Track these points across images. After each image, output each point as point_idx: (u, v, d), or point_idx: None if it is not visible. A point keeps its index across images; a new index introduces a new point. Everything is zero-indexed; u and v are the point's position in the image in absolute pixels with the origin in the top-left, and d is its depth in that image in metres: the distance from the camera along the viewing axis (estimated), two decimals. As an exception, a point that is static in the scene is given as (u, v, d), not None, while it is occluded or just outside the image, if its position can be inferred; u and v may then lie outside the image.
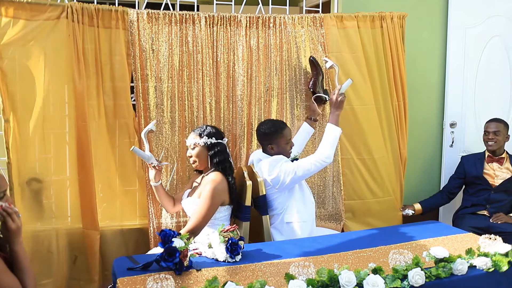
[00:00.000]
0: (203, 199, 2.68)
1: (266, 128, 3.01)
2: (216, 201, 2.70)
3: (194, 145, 2.81)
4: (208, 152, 2.80)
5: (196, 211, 2.68)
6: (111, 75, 3.03)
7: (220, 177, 2.75)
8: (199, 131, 2.82)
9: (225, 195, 2.76)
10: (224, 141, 2.86)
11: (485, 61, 4.03)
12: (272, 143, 2.98)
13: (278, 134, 2.98)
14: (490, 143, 3.62)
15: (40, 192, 2.93)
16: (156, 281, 1.88)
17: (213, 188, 2.69)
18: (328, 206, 3.53)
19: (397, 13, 3.48)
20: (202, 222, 2.66)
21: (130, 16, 3.02)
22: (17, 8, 2.75)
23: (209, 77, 3.20)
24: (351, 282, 2.00)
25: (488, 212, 3.59)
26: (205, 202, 2.67)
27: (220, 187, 2.72)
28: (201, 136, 2.80)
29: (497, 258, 2.29)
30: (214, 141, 2.80)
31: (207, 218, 2.68)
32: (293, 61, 3.37)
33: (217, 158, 2.80)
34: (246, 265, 2.28)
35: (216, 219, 2.75)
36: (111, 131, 3.09)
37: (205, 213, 2.66)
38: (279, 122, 3.08)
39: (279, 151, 2.99)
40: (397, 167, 3.60)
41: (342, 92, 3.03)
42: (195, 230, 2.64)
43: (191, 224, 2.65)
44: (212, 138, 2.79)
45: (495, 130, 3.60)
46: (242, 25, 3.23)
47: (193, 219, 2.66)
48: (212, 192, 2.67)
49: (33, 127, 2.87)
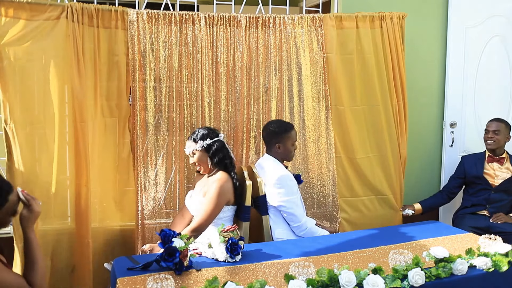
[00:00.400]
0: (209, 198, 2.70)
1: (275, 126, 3.04)
2: (222, 200, 2.73)
3: (192, 152, 2.84)
4: (208, 154, 2.82)
5: (202, 209, 2.70)
6: (111, 75, 3.03)
7: (226, 177, 2.78)
8: (193, 137, 2.85)
9: (230, 194, 2.79)
10: (221, 137, 2.88)
11: (485, 61, 4.02)
12: (279, 141, 3.01)
13: (286, 133, 3.01)
14: (489, 141, 3.62)
15: (39, 192, 2.93)
16: (156, 281, 1.88)
17: (219, 186, 2.72)
18: (323, 205, 3.53)
19: (396, 13, 3.48)
20: (208, 221, 2.69)
21: (130, 16, 3.03)
22: (17, 8, 2.75)
23: (208, 77, 3.21)
24: (351, 282, 2.00)
25: (488, 212, 3.59)
26: (211, 201, 2.69)
27: (226, 186, 2.75)
28: (196, 141, 2.82)
29: (497, 258, 2.29)
30: (209, 142, 2.81)
31: (212, 216, 2.70)
32: (292, 62, 3.37)
33: (217, 157, 2.81)
34: (246, 265, 2.28)
35: (220, 219, 2.77)
36: (109, 130, 3.09)
37: (211, 212, 2.68)
38: (288, 123, 3.13)
39: (285, 151, 3.01)
40: (397, 167, 3.60)
41: None
42: (200, 229, 2.68)
43: (196, 222, 2.68)
44: (206, 140, 2.81)
45: (495, 129, 3.60)
46: (242, 25, 3.23)
47: (198, 218, 2.69)
48: (218, 191, 2.70)
49: (33, 127, 2.87)
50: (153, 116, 3.15)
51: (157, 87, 3.14)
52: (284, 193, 2.89)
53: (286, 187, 2.91)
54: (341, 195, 3.51)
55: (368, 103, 3.50)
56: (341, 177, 3.50)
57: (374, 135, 3.54)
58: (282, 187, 2.90)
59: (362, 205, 3.57)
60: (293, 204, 2.90)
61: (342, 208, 3.52)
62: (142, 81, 3.10)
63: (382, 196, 3.59)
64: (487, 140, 3.64)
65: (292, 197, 2.91)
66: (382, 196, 3.59)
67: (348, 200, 3.53)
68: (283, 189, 2.90)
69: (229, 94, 3.28)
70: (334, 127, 3.43)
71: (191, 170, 3.26)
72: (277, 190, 2.90)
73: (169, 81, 3.15)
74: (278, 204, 2.90)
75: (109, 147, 3.11)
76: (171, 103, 3.17)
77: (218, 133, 2.91)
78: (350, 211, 3.54)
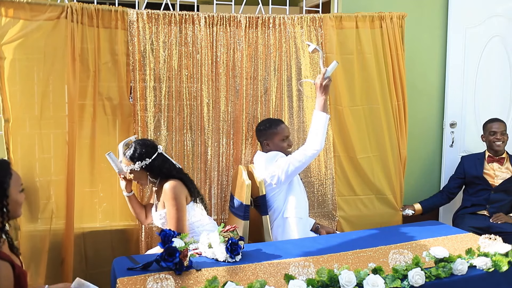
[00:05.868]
0: (169, 205, 2.59)
1: (261, 124, 3.08)
2: (182, 200, 2.61)
3: (131, 171, 2.67)
4: (147, 173, 2.67)
5: (169, 219, 2.60)
6: (111, 75, 3.03)
7: (173, 181, 2.63)
8: (129, 154, 2.64)
9: (185, 191, 2.66)
10: (160, 149, 2.70)
11: (485, 61, 4.02)
12: (267, 139, 3.03)
13: (272, 130, 3.02)
14: (498, 143, 3.59)
15: (39, 192, 2.93)
16: (156, 281, 1.88)
17: (172, 191, 2.58)
18: (322, 204, 3.53)
19: (396, 13, 3.48)
20: (180, 226, 2.57)
21: (130, 16, 3.03)
22: (17, 8, 2.75)
23: (208, 77, 3.21)
24: (351, 282, 2.00)
25: (488, 212, 3.59)
26: (172, 206, 2.58)
27: (178, 186, 2.62)
28: (134, 161, 2.63)
29: (497, 258, 2.29)
30: (148, 162, 2.63)
31: (182, 220, 2.58)
32: (292, 62, 3.36)
33: (162, 173, 2.67)
34: (246, 265, 2.28)
35: (193, 223, 2.69)
36: (111, 130, 3.09)
37: (178, 216, 2.57)
38: (276, 119, 3.13)
39: (274, 148, 3.01)
40: (397, 167, 3.60)
41: (327, 75, 2.87)
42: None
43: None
44: (145, 160, 2.63)
45: (502, 130, 3.59)
46: (242, 25, 3.23)
47: (171, 228, 2.55)
48: (173, 194, 2.58)
49: (33, 127, 2.88)
50: (153, 116, 3.14)
51: (157, 87, 3.14)
52: (280, 159, 2.89)
53: (278, 155, 2.92)
54: (339, 194, 3.51)
55: (368, 103, 3.50)
56: (339, 176, 3.50)
57: (374, 135, 3.54)
58: (274, 157, 2.91)
59: (361, 204, 3.57)
60: (290, 156, 2.88)
61: (340, 206, 3.52)
62: (142, 81, 3.10)
63: (381, 196, 3.59)
64: (495, 142, 3.59)
65: (283, 160, 2.88)
66: (381, 196, 3.59)
67: (346, 198, 3.54)
68: (277, 156, 2.91)
69: (228, 94, 3.28)
70: (333, 127, 3.44)
71: (191, 170, 3.26)
72: (272, 168, 2.87)
73: (169, 81, 3.15)
74: (284, 176, 2.84)
75: (110, 146, 3.10)
76: (170, 103, 3.17)
77: (156, 145, 2.71)
78: (348, 210, 3.54)
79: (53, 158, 2.95)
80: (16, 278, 1.82)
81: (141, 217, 2.93)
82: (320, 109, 2.86)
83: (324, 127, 2.85)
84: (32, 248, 2.88)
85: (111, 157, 2.76)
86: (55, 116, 2.93)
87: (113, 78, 3.04)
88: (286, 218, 2.92)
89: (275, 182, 2.89)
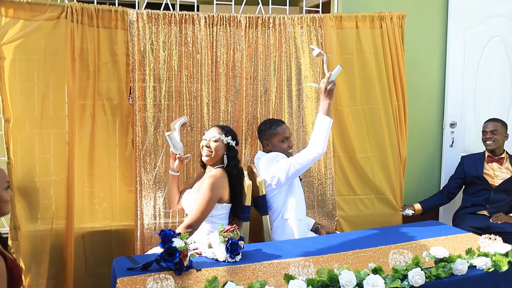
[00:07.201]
0: (202, 193, 2.70)
1: (262, 125, 3.10)
2: (214, 195, 2.70)
3: (216, 140, 2.82)
4: (225, 152, 2.83)
5: (195, 205, 2.69)
6: (111, 75, 3.03)
7: (220, 173, 2.77)
8: (225, 130, 2.86)
9: (223, 191, 2.76)
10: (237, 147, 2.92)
11: (485, 61, 4.02)
12: (266, 139, 3.04)
13: (272, 130, 3.03)
14: (488, 142, 3.62)
15: (39, 192, 2.93)
16: (156, 281, 1.88)
17: (212, 182, 2.71)
18: (321, 204, 3.53)
19: (396, 13, 3.48)
20: (201, 217, 2.66)
21: (130, 16, 3.03)
22: (17, 8, 2.76)
23: (208, 77, 3.21)
24: (351, 282, 2.00)
25: (488, 212, 3.59)
26: (203, 196, 2.68)
27: (219, 182, 2.73)
28: (226, 135, 2.83)
29: (497, 258, 2.29)
30: (234, 143, 2.86)
31: (205, 212, 2.68)
32: (292, 62, 3.36)
33: (233, 160, 2.85)
34: (246, 265, 2.28)
35: (214, 217, 2.75)
36: (110, 130, 3.09)
37: (204, 207, 2.66)
38: (277, 120, 3.14)
39: (274, 148, 3.02)
40: (397, 167, 3.60)
41: (332, 80, 2.87)
42: (194, 225, 2.65)
43: (189, 218, 2.66)
44: (234, 141, 2.86)
45: (492, 129, 3.61)
46: (242, 25, 3.23)
47: (191, 213, 2.68)
48: (211, 186, 2.69)
49: (33, 127, 2.88)
50: (153, 116, 3.14)
51: (157, 87, 3.14)
52: (281, 160, 2.90)
53: (279, 156, 2.93)
54: (338, 193, 3.51)
55: (368, 103, 3.50)
56: (339, 175, 3.50)
57: (374, 135, 3.54)
58: (275, 157, 2.92)
59: (361, 204, 3.57)
60: (291, 158, 2.88)
61: (339, 206, 3.52)
62: (141, 81, 3.10)
63: (381, 195, 3.59)
64: (486, 141, 3.65)
65: (284, 161, 2.89)
66: (381, 195, 3.59)
67: (346, 198, 3.54)
68: (278, 157, 2.91)
69: (228, 94, 3.28)
70: (333, 127, 3.42)
71: (190, 170, 3.26)
72: (272, 169, 2.88)
73: (169, 81, 3.15)
74: (284, 177, 2.85)
75: (110, 146, 3.11)
76: (170, 103, 3.17)
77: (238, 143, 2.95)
78: (347, 210, 3.54)
79: (53, 158, 2.95)
80: (9, 272, 1.81)
81: (174, 200, 3.00)
82: (324, 113, 2.87)
83: (327, 131, 2.86)
84: (32, 248, 2.88)
85: (171, 137, 2.87)
86: (55, 116, 2.93)
87: (113, 78, 3.04)
88: (286, 220, 2.92)
89: (275, 183, 2.89)
